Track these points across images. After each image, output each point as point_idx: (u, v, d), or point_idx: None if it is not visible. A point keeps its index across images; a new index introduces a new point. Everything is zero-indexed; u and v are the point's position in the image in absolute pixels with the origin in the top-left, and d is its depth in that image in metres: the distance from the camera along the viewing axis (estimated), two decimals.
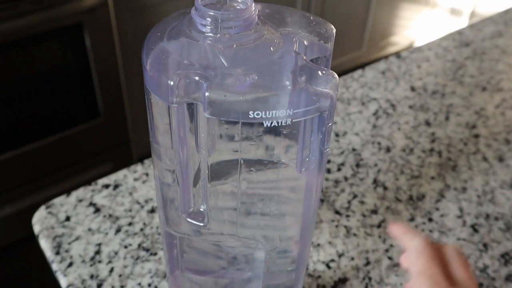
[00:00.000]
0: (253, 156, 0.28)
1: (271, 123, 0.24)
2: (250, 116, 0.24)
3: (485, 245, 0.50)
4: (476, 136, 0.63)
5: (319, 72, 0.25)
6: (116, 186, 0.54)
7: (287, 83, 0.25)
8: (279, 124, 0.24)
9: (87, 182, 0.55)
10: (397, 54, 0.78)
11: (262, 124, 0.25)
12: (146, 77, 0.27)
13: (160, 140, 0.29)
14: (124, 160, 1.37)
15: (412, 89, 0.71)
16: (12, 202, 1.23)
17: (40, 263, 1.19)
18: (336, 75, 0.25)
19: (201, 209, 0.30)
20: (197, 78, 0.24)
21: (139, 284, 0.45)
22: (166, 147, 0.29)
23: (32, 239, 0.63)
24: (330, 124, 0.27)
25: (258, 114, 0.24)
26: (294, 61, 0.26)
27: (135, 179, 0.55)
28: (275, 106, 0.24)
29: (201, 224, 0.30)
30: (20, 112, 1.16)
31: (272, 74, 0.25)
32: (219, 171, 0.29)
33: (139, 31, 1.26)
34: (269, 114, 0.24)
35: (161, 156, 0.30)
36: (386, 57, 0.77)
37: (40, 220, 0.50)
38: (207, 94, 0.24)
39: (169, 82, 0.24)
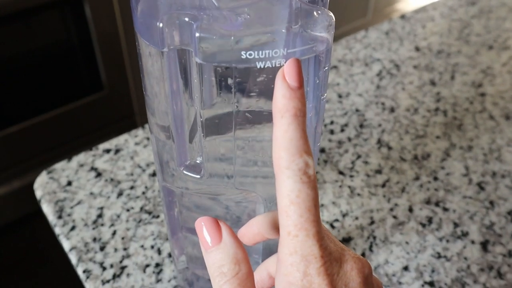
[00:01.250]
0: (248, 105, 0.27)
1: (265, 64, 0.23)
2: (242, 58, 0.23)
3: (491, 203, 0.49)
4: (483, 94, 0.62)
5: (315, 13, 0.24)
6: (117, 151, 0.53)
7: (281, 21, 0.24)
8: (273, 66, 0.23)
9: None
10: (402, 15, 0.76)
11: (256, 67, 0.24)
12: (135, 21, 0.26)
13: (153, 92, 0.28)
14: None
15: (417, 49, 0.69)
16: (18, 177, 1.24)
17: (47, 239, 1.20)
18: (332, 15, 0.24)
19: (197, 161, 0.29)
20: (187, 19, 0.23)
21: (142, 246, 0.45)
22: (159, 100, 0.28)
23: (39, 214, 0.62)
24: (326, 68, 0.26)
25: (250, 55, 0.23)
26: (288, 1, 0.25)
27: (136, 143, 0.54)
28: (268, 45, 0.23)
29: (198, 176, 0.29)
30: (22, 86, 1.15)
31: (265, 13, 0.24)
32: (214, 123, 0.28)
33: None
34: (262, 54, 0.23)
35: (155, 110, 0.30)
36: (390, 18, 0.75)
37: (41, 185, 0.50)
38: (197, 35, 0.23)
39: (158, 24, 0.24)
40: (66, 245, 0.45)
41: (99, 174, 0.51)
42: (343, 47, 0.69)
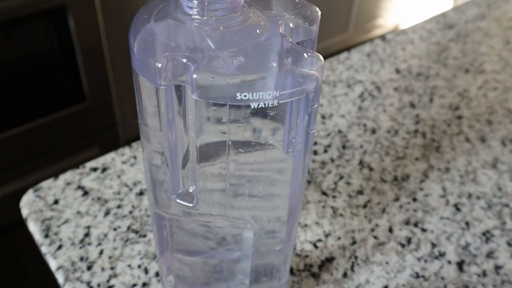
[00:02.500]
0: (241, 138, 0.28)
1: (258, 104, 0.25)
2: (237, 98, 0.24)
3: (467, 223, 0.51)
4: (459, 117, 0.64)
5: (305, 54, 0.26)
6: (104, 169, 0.54)
7: (274, 65, 0.25)
8: (266, 106, 0.25)
9: (74, 166, 0.55)
10: (382, 37, 0.79)
11: (249, 106, 0.25)
12: (133, 59, 0.27)
13: (148, 122, 0.29)
14: (111, 143, 1.37)
15: (397, 71, 0.72)
16: None
17: (27, 248, 1.19)
18: (321, 57, 0.26)
19: (190, 190, 0.30)
20: (184, 60, 0.24)
21: (129, 265, 0.46)
22: (154, 129, 0.30)
23: (18, 224, 0.63)
24: (316, 106, 0.27)
25: (245, 96, 0.24)
26: (280, 44, 0.26)
27: (123, 162, 0.55)
28: (262, 88, 0.24)
29: (190, 205, 0.30)
30: (3, 96, 1.14)
31: (258, 56, 0.25)
32: (208, 153, 0.29)
33: (124, 13, 1.25)
34: (256, 96, 0.24)
35: (150, 138, 0.31)
36: (371, 39, 0.78)
37: (28, 204, 0.50)
38: (194, 76, 0.24)
39: (157, 64, 0.25)
40: (52, 264, 0.46)
41: (86, 193, 0.52)
42: (326, 68, 0.71)
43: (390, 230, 0.50)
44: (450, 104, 0.66)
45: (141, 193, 0.52)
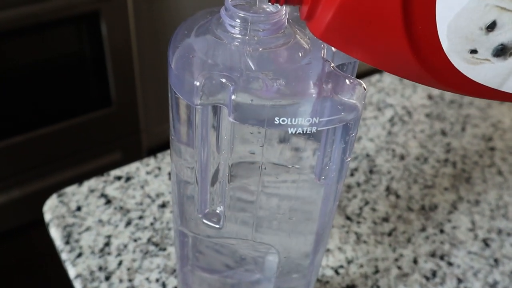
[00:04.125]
0: (274, 161, 0.27)
1: (296, 130, 0.24)
2: (275, 123, 0.24)
3: (496, 260, 0.50)
4: (492, 149, 0.62)
5: (347, 81, 0.25)
6: (128, 179, 0.54)
7: (314, 90, 0.24)
8: (304, 132, 0.24)
9: (96, 170, 0.55)
10: None
11: (286, 130, 0.24)
12: (171, 75, 0.26)
13: (181, 138, 0.29)
14: (134, 150, 1.37)
15: (429, 97, 0.70)
16: (20, 186, 1.24)
17: (45, 248, 1.20)
18: (363, 84, 0.25)
19: (218, 211, 0.30)
20: (223, 80, 0.24)
21: (147, 278, 0.45)
22: (186, 145, 0.29)
23: (38, 224, 0.63)
24: (354, 134, 0.26)
25: (283, 121, 0.23)
26: (321, 68, 0.25)
27: (147, 173, 0.55)
28: (301, 113, 0.24)
29: (217, 226, 0.30)
30: (32, 97, 1.16)
31: (299, 80, 0.24)
32: (238, 174, 0.28)
33: (155, 21, 1.26)
34: (294, 121, 0.23)
35: (181, 153, 0.30)
36: None
37: (51, 209, 0.50)
38: (233, 97, 0.23)
39: (195, 82, 0.24)
40: (71, 272, 0.45)
41: (108, 201, 0.51)
42: None
43: (415, 261, 0.49)
44: (483, 135, 0.64)
45: (163, 205, 0.51)
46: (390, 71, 0.23)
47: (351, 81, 0.25)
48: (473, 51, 0.21)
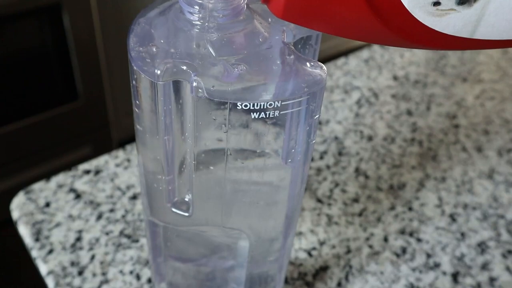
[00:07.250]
0: (240, 146, 0.27)
1: (259, 114, 0.24)
2: (238, 108, 0.24)
3: (462, 234, 0.51)
4: (456, 126, 0.64)
5: (307, 63, 0.25)
6: (97, 172, 0.53)
7: (276, 74, 0.24)
8: (267, 116, 0.24)
9: (65, 165, 0.54)
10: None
11: (250, 115, 0.25)
12: (131, 61, 0.26)
13: (145, 125, 0.29)
14: (103, 143, 1.35)
15: (395, 78, 0.71)
16: None
17: (15, 246, 1.18)
18: (324, 67, 0.25)
19: (186, 199, 0.30)
20: (184, 67, 0.24)
21: (121, 271, 0.45)
22: (151, 134, 0.29)
23: (8, 223, 0.62)
24: (317, 116, 0.27)
25: (246, 106, 0.23)
26: (282, 52, 0.26)
27: (117, 165, 0.54)
28: (263, 97, 0.24)
29: (186, 214, 0.30)
30: None
31: (260, 65, 0.24)
32: (205, 161, 0.28)
33: (120, 12, 1.24)
34: (257, 106, 0.24)
35: (146, 143, 0.30)
36: (369, 45, 0.77)
37: (19, 206, 0.49)
38: (195, 84, 0.23)
39: (155, 71, 0.24)
40: (43, 269, 0.45)
41: (78, 196, 0.51)
42: None
43: (385, 239, 0.50)
44: (447, 113, 0.66)
45: (134, 197, 0.51)
46: (357, 38, 0.23)
47: (312, 63, 0.25)
48: (436, 3, 0.20)
